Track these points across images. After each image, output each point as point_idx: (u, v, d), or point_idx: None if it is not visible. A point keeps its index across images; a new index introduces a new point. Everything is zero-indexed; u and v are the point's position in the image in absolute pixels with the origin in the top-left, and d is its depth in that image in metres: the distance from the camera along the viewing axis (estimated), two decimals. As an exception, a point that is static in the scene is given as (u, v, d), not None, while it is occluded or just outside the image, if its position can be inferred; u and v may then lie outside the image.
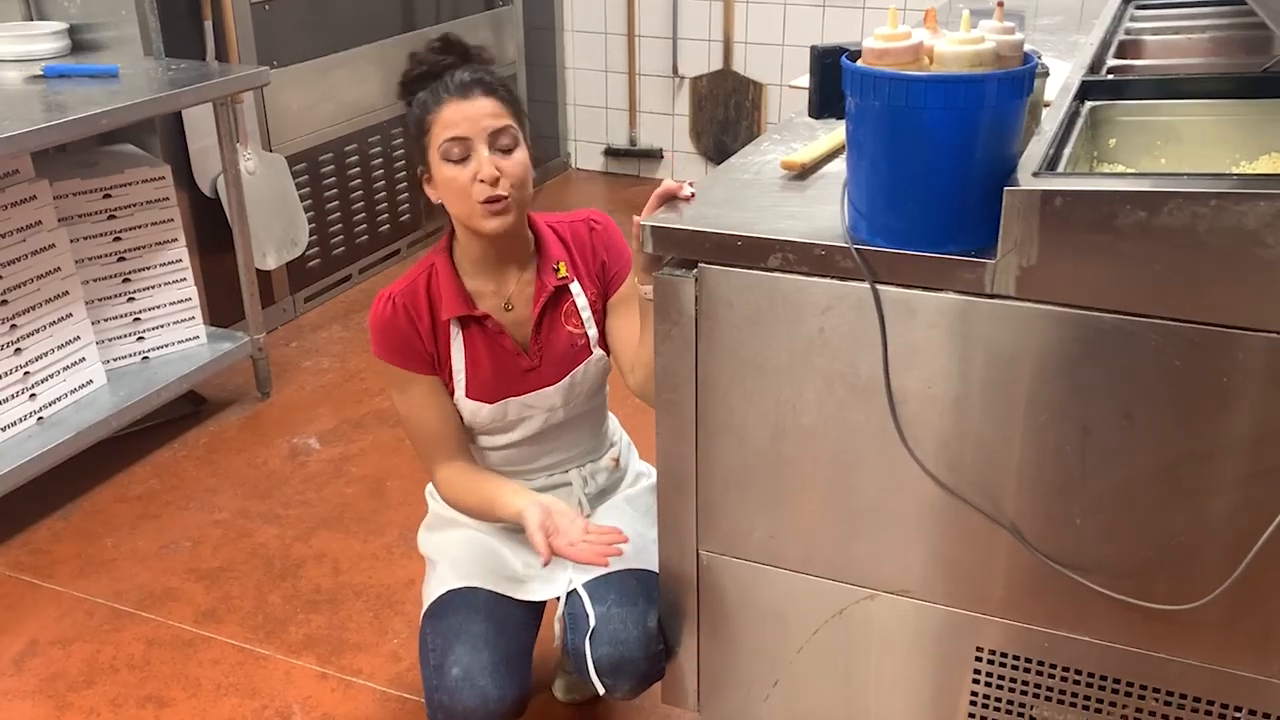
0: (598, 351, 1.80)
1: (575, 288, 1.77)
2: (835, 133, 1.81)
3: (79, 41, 3.14)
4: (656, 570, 1.79)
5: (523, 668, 1.75)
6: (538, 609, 1.87)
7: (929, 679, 1.63)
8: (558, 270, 1.76)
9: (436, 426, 1.76)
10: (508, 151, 1.65)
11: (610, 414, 1.97)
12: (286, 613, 2.41)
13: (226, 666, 2.27)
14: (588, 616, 1.74)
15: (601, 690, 1.73)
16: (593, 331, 1.79)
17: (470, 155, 1.63)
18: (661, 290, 1.55)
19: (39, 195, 2.68)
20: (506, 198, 1.64)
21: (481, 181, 1.62)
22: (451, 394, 1.77)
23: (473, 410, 1.77)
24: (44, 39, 3.05)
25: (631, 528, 1.87)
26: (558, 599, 1.82)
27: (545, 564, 1.60)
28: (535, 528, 1.60)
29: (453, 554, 1.87)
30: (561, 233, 1.80)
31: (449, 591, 1.81)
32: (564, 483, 1.88)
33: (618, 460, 1.94)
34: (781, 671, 1.72)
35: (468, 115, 1.62)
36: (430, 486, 1.98)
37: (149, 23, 3.10)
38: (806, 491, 1.58)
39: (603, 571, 1.79)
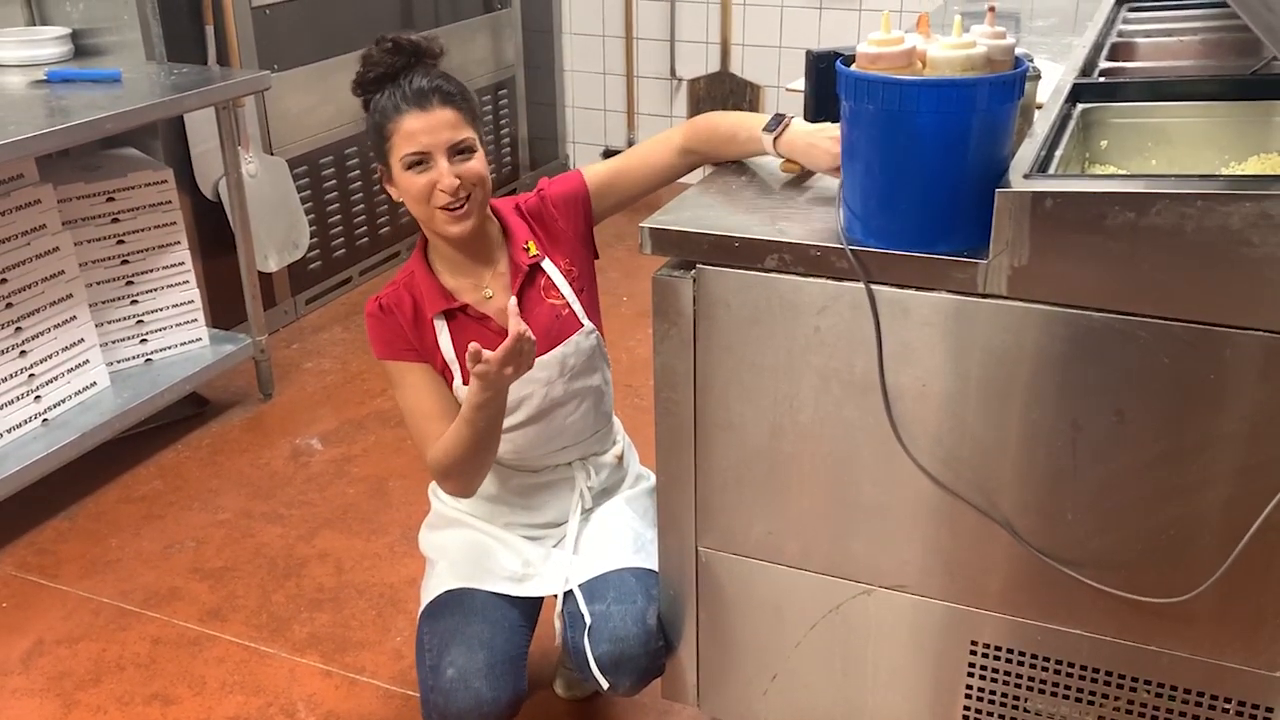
0: (587, 324, 1.83)
1: (547, 264, 1.81)
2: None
3: (81, 46, 3.16)
4: (655, 569, 1.81)
5: (517, 669, 1.77)
6: (534, 609, 1.89)
7: (925, 673, 1.66)
8: (528, 249, 1.79)
9: (429, 407, 1.77)
10: (465, 158, 1.69)
11: (615, 417, 1.99)
12: (290, 611, 2.43)
13: (231, 664, 2.29)
14: (584, 616, 1.76)
15: (605, 686, 1.75)
16: (575, 303, 1.82)
17: (431, 165, 1.67)
18: (660, 290, 1.58)
19: (43, 199, 2.71)
20: (466, 203, 1.69)
21: (442, 191, 1.67)
22: (450, 383, 1.80)
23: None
24: (47, 44, 3.07)
25: (630, 527, 1.89)
26: (555, 596, 1.84)
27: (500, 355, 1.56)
28: (482, 365, 1.56)
29: (452, 554, 1.89)
30: (524, 210, 1.84)
31: (446, 592, 1.83)
32: (568, 476, 1.90)
33: (620, 458, 1.96)
34: (780, 666, 1.75)
35: (427, 128, 1.66)
36: (433, 485, 2.00)
37: (151, 27, 3.12)
38: (804, 488, 1.61)
39: (600, 571, 1.81)
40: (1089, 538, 1.47)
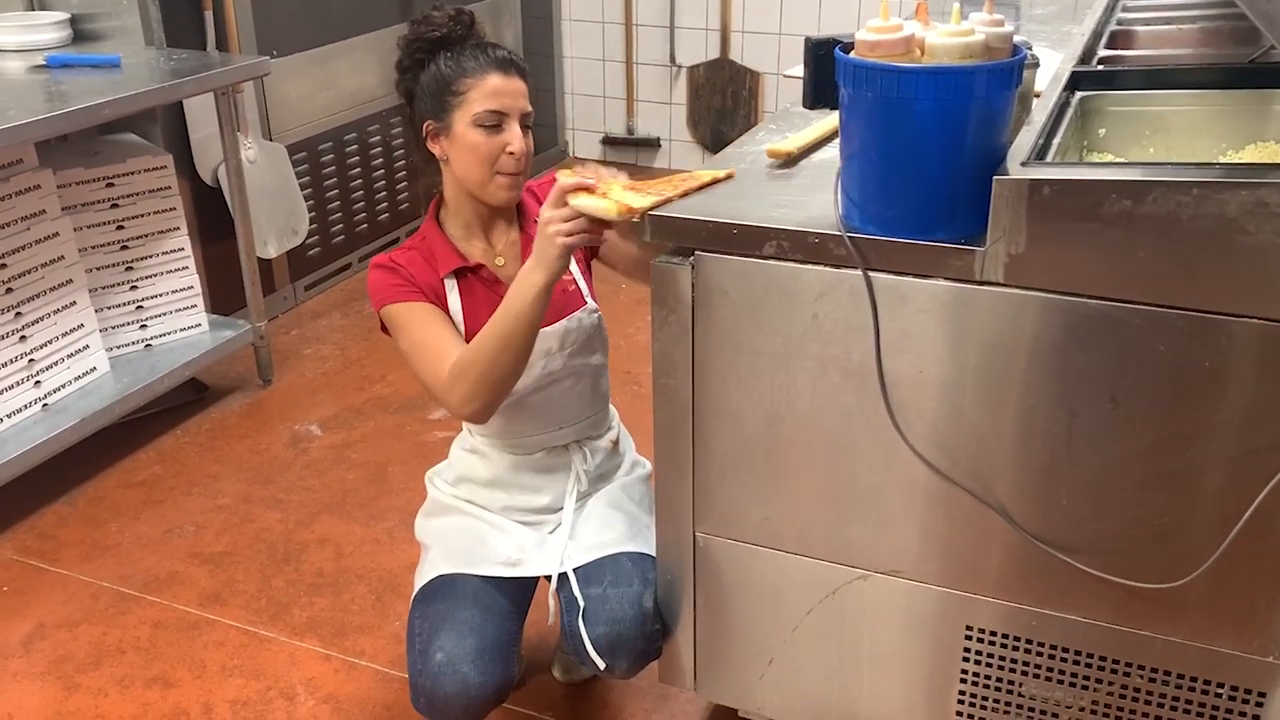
0: (590, 303, 1.85)
1: None
2: (822, 121, 1.84)
3: (81, 31, 3.16)
4: (651, 554, 1.82)
5: (506, 656, 1.78)
6: (526, 596, 1.90)
7: (921, 658, 1.67)
8: None
9: (443, 336, 1.72)
10: (526, 133, 1.75)
11: (611, 406, 2.00)
12: (290, 596, 2.45)
13: (231, 648, 2.30)
14: (577, 599, 1.77)
15: (601, 667, 1.77)
16: (580, 280, 1.84)
17: (504, 128, 1.71)
18: (658, 277, 1.58)
19: (43, 184, 2.71)
20: (523, 173, 1.74)
21: (510, 154, 1.71)
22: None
23: None
24: (46, 29, 3.07)
25: (625, 513, 1.90)
26: (548, 579, 1.86)
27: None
28: (547, 211, 1.57)
29: (446, 540, 1.90)
30: (538, 192, 1.87)
31: (438, 577, 1.84)
32: (564, 460, 1.91)
33: (616, 443, 1.97)
34: (776, 650, 1.76)
35: (509, 91, 1.72)
36: (429, 474, 2.02)
37: (150, 12, 3.11)
38: (801, 474, 1.62)
39: (596, 556, 1.83)
40: (1084, 524, 1.48)
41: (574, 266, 1.84)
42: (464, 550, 1.87)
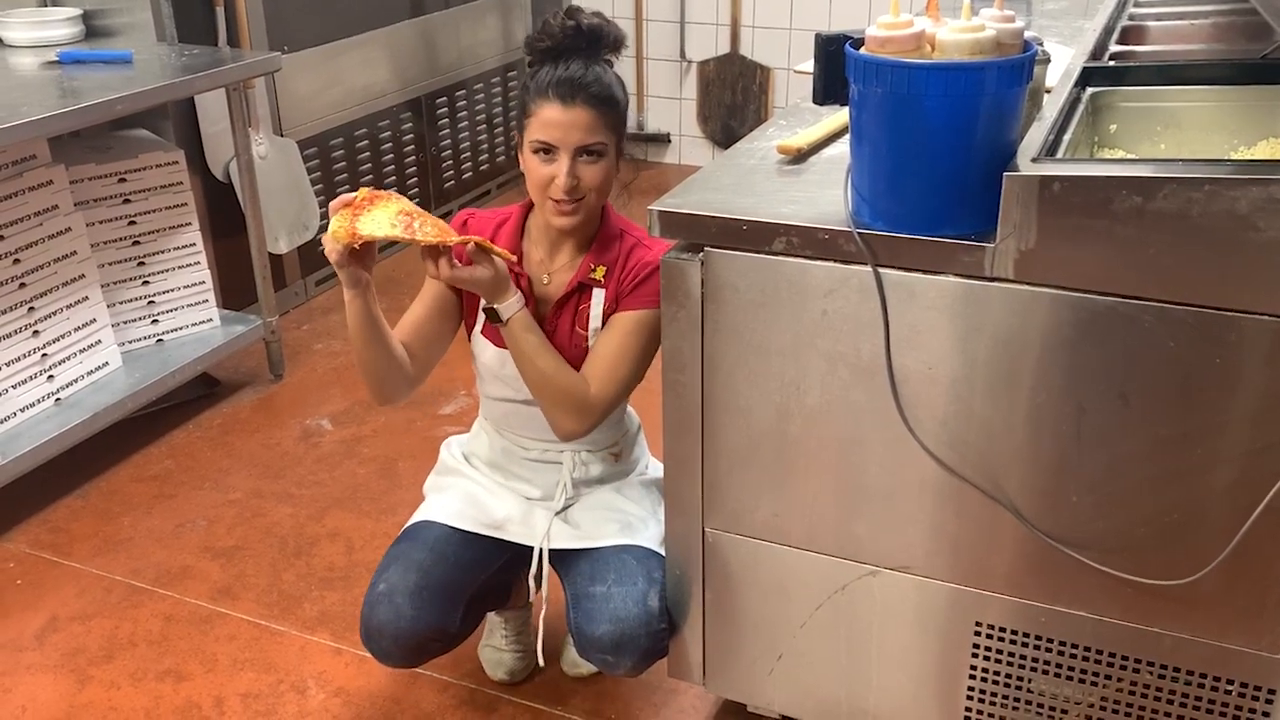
0: None
1: (598, 295, 1.79)
2: (833, 117, 1.84)
3: (93, 27, 3.17)
4: (655, 550, 1.83)
5: (448, 601, 1.81)
6: (497, 557, 1.91)
7: (930, 654, 1.67)
8: (594, 271, 1.78)
9: (413, 311, 1.83)
10: (590, 160, 1.69)
11: (630, 409, 1.99)
12: (301, 590, 2.46)
13: (242, 642, 2.31)
14: (567, 597, 1.80)
15: (606, 664, 1.77)
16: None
17: (554, 158, 1.68)
18: (668, 273, 1.59)
19: (55, 180, 2.72)
20: (577, 204, 1.70)
21: (556, 187, 1.68)
22: (471, 328, 1.86)
23: (481, 347, 1.85)
24: (59, 25, 3.08)
25: (617, 508, 1.91)
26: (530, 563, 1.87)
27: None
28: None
29: (442, 495, 1.96)
30: (627, 243, 1.80)
31: (413, 524, 1.90)
32: (555, 461, 1.92)
33: (617, 455, 1.97)
34: (785, 646, 1.76)
35: (563, 124, 1.66)
36: (447, 440, 2.07)
37: (162, 8, 3.12)
38: (810, 470, 1.62)
39: (581, 544, 1.84)
40: (1093, 520, 1.48)
41: (596, 325, 1.79)
42: (454, 509, 1.91)
